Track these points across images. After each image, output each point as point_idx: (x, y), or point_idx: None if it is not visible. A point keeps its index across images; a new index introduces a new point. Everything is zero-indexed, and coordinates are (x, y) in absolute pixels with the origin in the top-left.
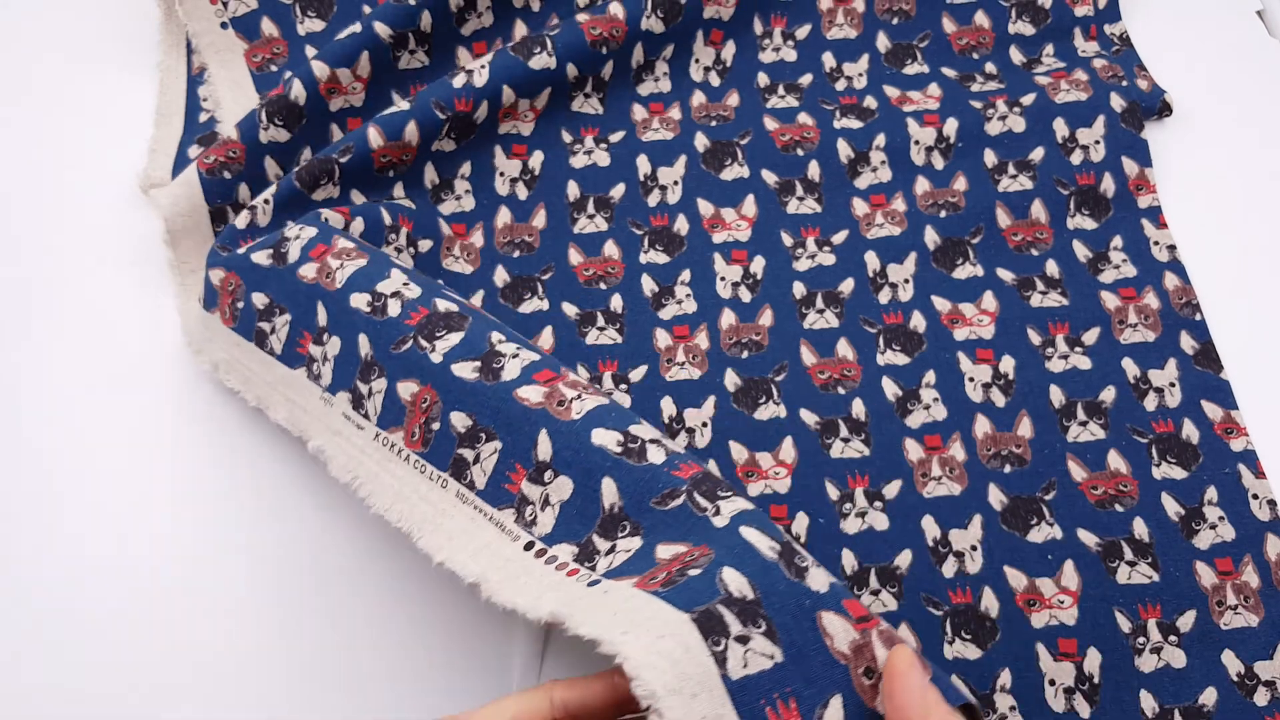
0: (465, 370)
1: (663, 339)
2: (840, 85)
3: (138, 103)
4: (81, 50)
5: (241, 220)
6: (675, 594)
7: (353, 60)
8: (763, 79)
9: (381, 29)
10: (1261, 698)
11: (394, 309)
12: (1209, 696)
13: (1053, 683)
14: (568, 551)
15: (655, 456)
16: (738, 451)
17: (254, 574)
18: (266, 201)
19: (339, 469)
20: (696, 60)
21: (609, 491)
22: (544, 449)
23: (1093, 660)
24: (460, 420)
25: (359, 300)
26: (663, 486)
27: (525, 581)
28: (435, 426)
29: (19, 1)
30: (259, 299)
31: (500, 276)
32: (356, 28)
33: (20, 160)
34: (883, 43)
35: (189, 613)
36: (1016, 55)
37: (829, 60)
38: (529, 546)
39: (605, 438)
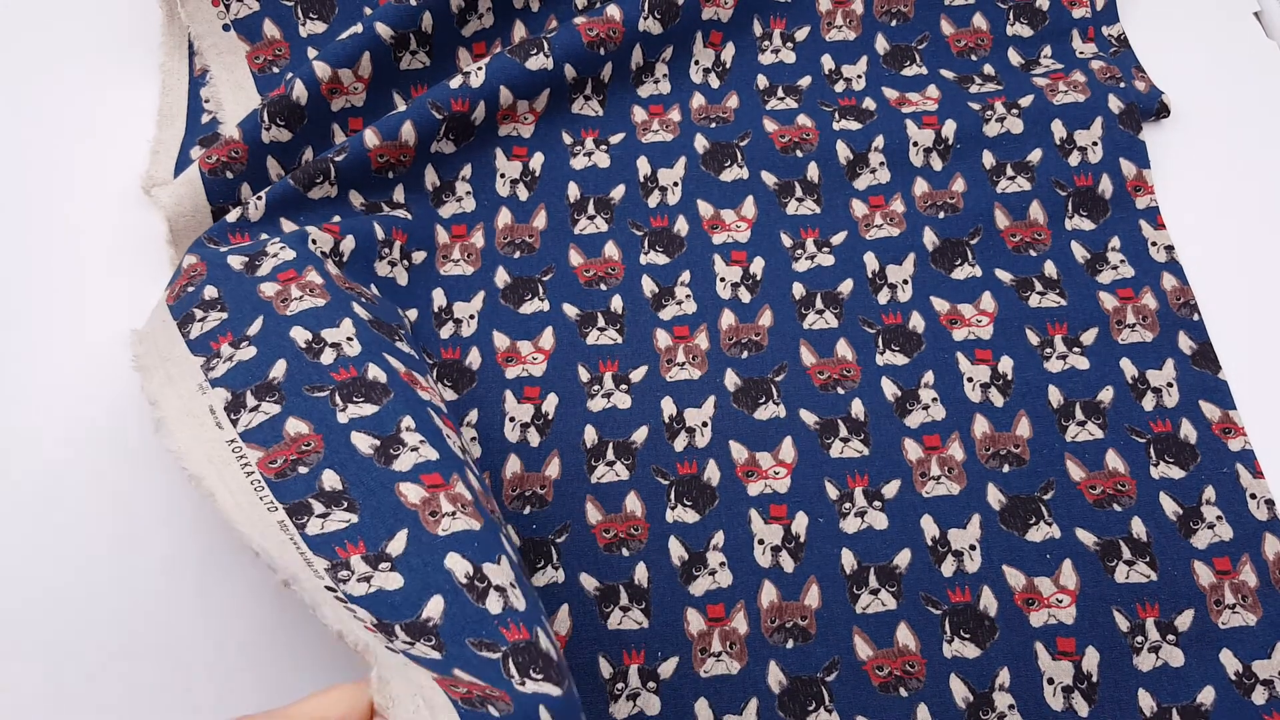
0: (362, 442)
1: (663, 339)
2: (839, 87)
3: (140, 104)
4: (84, 52)
5: (233, 215)
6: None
7: (354, 60)
8: (762, 81)
9: (383, 29)
10: (1259, 696)
11: (327, 358)
12: (1207, 695)
13: (1051, 681)
14: (367, 617)
15: (493, 606)
16: (738, 451)
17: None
18: (259, 198)
19: (171, 439)
20: (696, 62)
21: (434, 607)
22: (397, 545)
23: (1091, 659)
24: (331, 480)
25: (299, 334)
26: (486, 635)
27: (332, 607)
28: (302, 470)
29: (21, 3)
30: (210, 291)
31: (501, 277)
32: (358, 28)
33: (23, 161)
34: (881, 44)
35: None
36: (1014, 57)
37: (828, 62)
38: (330, 589)
39: (457, 564)
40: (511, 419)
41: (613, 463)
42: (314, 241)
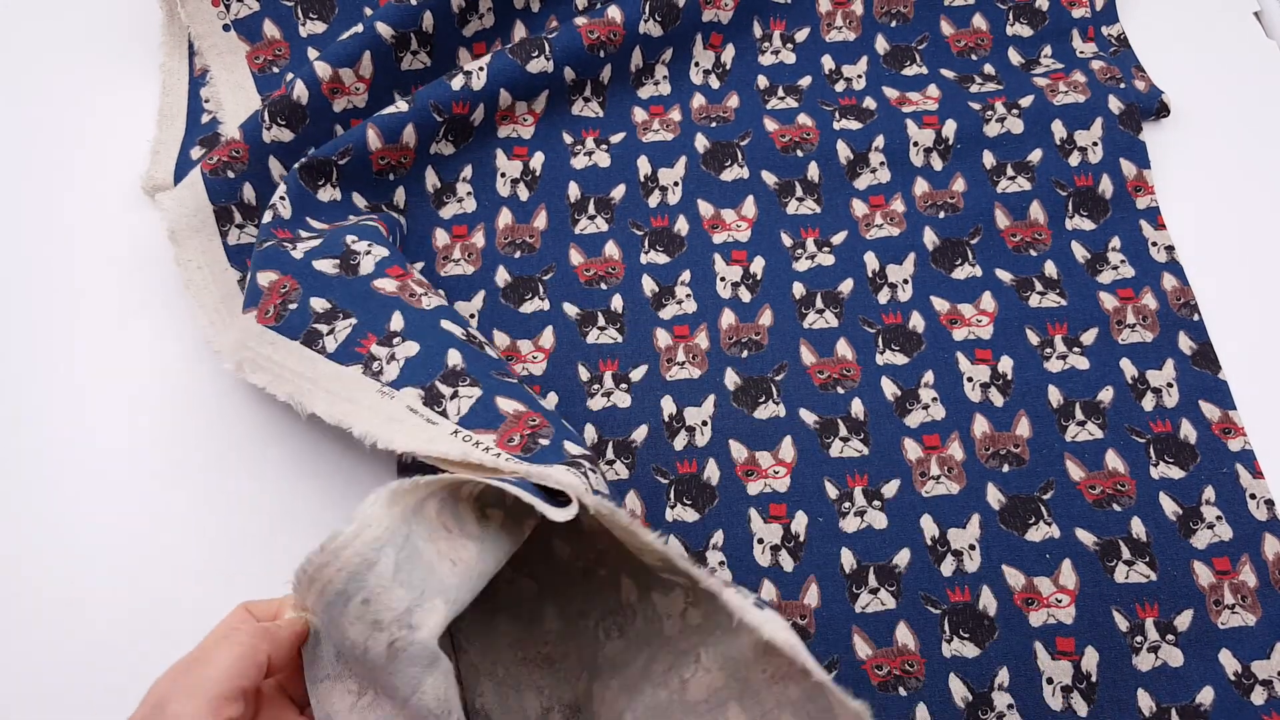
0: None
1: (663, 338)
2: (839, 87)
3: (140, 104)
4: (84, 53)
5: (267, 216)
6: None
7: (355, 60)
8: (762, 81)
9: (384, 29)
10: (1258, 697)
11: (492, 352)
12: (1206, 695)
13: (1050, 681)
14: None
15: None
16: (737, 450)
17: (255, 578)
18: (284, 199)
19: (402, 443)
20: (696, 63)
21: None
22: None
23: (1090, 659)
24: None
25: (450, 326)
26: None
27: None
28: (543, 441)
29: (22, 3)
30: (319, 303)
31: (501, 277)
32: (359, 28)
33: (23, 161)
34: (881, 45)
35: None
36: (1015, 57)
37: (828, 62)
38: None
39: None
40: None
41: (613, 461)
42: (379, 230)
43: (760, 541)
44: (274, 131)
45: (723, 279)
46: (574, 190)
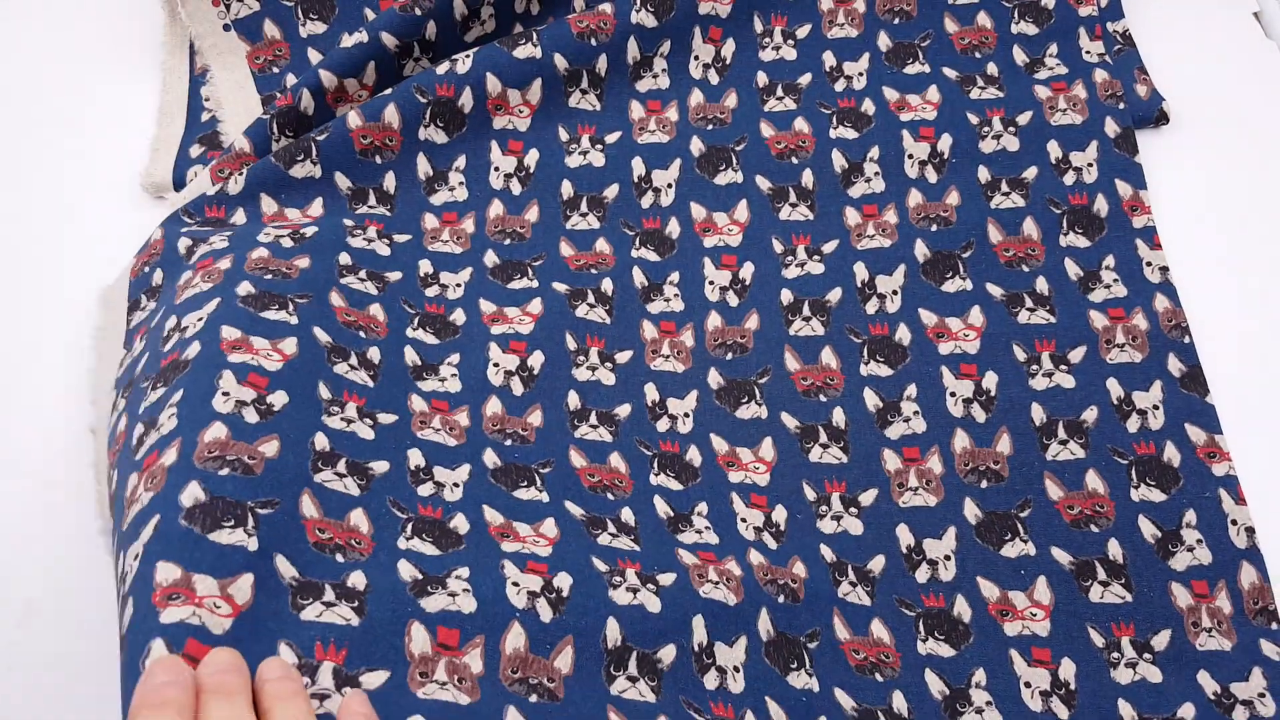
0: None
1: (649, 331)
2: (840, 85)
3: (141, 103)
4: (85, 51)
5: (213, 189)
6: None
7: (360, 70)
8: (762, 78)
9: (388, 39)
10: (1240, 716)
11: (168, 345)
12: (1187, 711)
13: (1028, 685)
14: None
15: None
16: (719, 443)
17: None
18: (240, 174)
19: None
20: (696, 57)
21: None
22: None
23: (1067, 669)
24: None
25: (168, 321)
26: None
27: None
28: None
29: (24, 2)
30: (156, 276)
31: (490, 259)
32: (363, 37)
33: (23, 159)
34: (884, 42)
35: None
36: (1019, 55)
37: (829, 59)
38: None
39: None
40: (495, 364)
41: (596, 426)
42: (267, 234)
43: (744, 521)
44: (282, 142)
45: (711, 282)
46: (567, 188)
